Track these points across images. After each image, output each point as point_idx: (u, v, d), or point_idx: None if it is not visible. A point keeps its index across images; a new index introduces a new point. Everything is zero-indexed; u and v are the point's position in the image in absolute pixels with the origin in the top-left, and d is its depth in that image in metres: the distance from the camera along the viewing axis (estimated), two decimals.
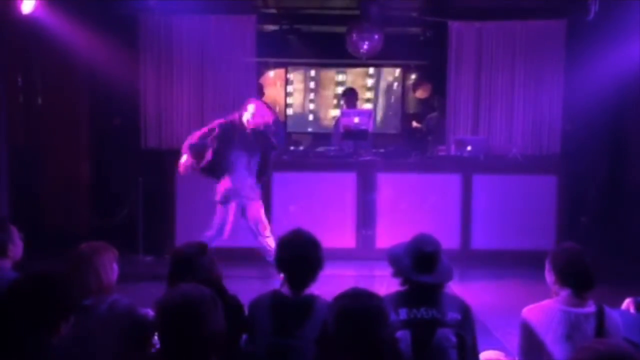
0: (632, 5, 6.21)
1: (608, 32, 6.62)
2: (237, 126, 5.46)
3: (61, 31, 6.50)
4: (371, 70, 9.13)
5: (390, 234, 6.01)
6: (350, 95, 7.58)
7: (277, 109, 8.96)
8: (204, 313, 1.88)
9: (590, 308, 2.59)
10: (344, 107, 7.64)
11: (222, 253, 2.93)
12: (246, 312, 2.73)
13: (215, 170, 5.51)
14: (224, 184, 5.51)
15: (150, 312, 2.43)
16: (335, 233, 6.01)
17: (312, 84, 9.23)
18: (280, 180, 6.52)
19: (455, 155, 6.79)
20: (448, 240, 5.86)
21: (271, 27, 7.98)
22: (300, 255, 2.65)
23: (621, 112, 7.17)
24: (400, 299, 2.58)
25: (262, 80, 8.83)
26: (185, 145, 5.51)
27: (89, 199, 7.16)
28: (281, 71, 9.17)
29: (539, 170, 6.71)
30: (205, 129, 5.52)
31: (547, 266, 2.70)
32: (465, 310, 2.60)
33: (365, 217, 6.50)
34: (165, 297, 1.93)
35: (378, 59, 8.28)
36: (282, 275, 2.70)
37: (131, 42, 6.94)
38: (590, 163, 7.18)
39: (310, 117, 9.27)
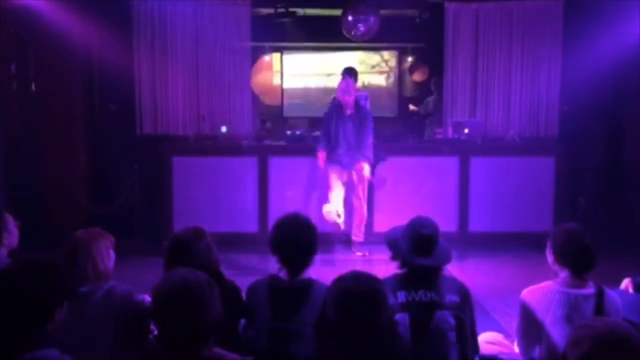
0: None
1: (606, 12, 6.58)
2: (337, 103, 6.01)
3: (55, 18, 6.44)
4: (367, 53, 9.07)
5: (388, 217, 6.01)
6: (349, 75, 7.44)
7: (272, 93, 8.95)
8: (200, 298, 1.86)
9: (589, 289, 2.58)
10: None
11: (220, 238, 2.91)
12: (244, 297, 2.72)
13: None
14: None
15: (147, 298, 2.42)
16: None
17: (308, 68, 9.17)
18: (277, 164, 6.51)
19: (452, 138, 6.77)
20: (446, 223, 5.90)
21: (266, 11, 7.91)
22: (294, 237, 2.65)
23: (619, 92, 7.15)
24: (399, 281, 2.57)
25: (258, 64, 8.77)
26: None
27: (85, 186, 7.14)
28: (277, 55, 9.10)
29: (536, 152, 6.70)
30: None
31: (548, 246, 2.69)
32: (463, 293, 2.60)
33: None
34: (160, 283, 1.92)
35: (374, 42, 8.22)
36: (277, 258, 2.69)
37: (125, 28, 6.88)
38: (588, 144, 7.17)
39: (307, 101, 9.22)
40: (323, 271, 3.10)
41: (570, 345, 1.74)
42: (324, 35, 8.48)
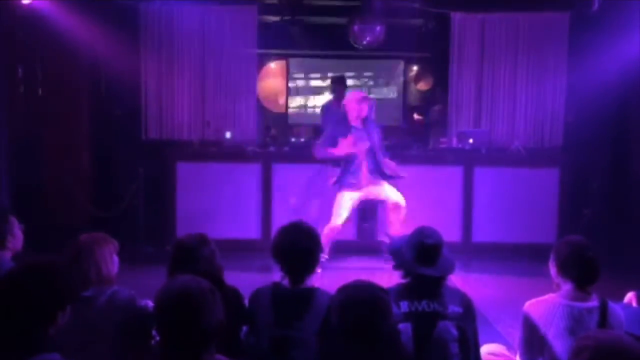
0: None
1: (611, 24, 6.58)
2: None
3: (62, 21, 6.47)
4: (372, 61, 9.09)
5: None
6: (338, 84, 7.37)
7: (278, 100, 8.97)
8: (202, 305, 1.87)
9: (593, 302, 2.57)
10: (333, 96, 7.49)
11: (223, 244, 2.91)
12: (246, 303, 2.72)
13: None
14: None
15: (150, 304, 2.42)
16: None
17: (313, 75, 9.19)
18: (281, 171, 6.51)
19: (457, 147, 6.77)
20: (449, 233, 5.84)
21: (272, 18, 7.94)
22: (296, 245, 2.65)
23: (624, 104, 7.13)
24: (402, 291, 2.57)
25: (264, 71, 8.79)
26: None
27: (89, 189, 7.15)
28: (282, 62, 9.13)
29: (541, 163, 6.69)
30: None
31: (551, 258, 2.68)
32: (466, 303, 2.59)
33: (366, 210, 6.47)
34: (162, 290, 1.92)
35: (380, 51, 8.24)
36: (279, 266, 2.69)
37: (132, 32, 6.91)
38: (593, 156, 7.15)
39: (311, 109, 9.23)
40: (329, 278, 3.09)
41: (571, 354, 1.74)
42: (330, 43, 8.51)
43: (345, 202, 5.69)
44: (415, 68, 9.32)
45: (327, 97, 9.09)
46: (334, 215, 5.68)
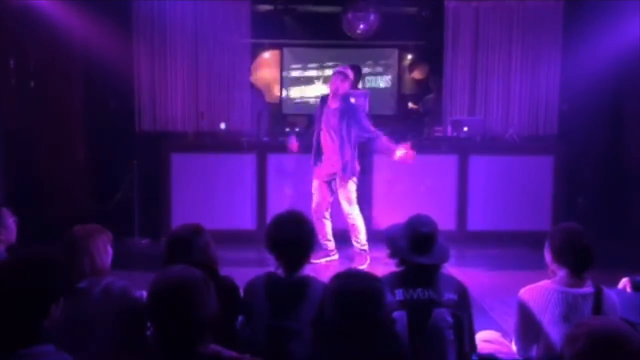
0: None
1: (606, 11, 6.57)
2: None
3: (54, 14, 6.42)
4: (367, 50, 9.05)
5: (387, 215, 6.01)
6: (353, 73, 7.31)
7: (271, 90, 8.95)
8: (196, 295, 1.86)
9: (588, 288, 2.58)
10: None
11: (218, 235, 2.91)
12: (241, 294, 2.72)
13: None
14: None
15: (145, 294, 2.42)
16: (332, 214, 5.99)
17: (307, 65, 9.15)
18: (276, 161, 6.50)
19: (451, 136, 6.76)
20: (444, 221, 5.88)
21: (266, 8, 7.89)
22: (290, 235, 2.64)
23: (619, 91, 7.14)
24: (397, 279, 2.57)
25: (257, 61, 8.75)
26: None
27: (83, 182, 7.13)
28: (276, 52, 9.09)
29: (535, 151, 6.70)
30: None
31: (546, 245, 2.69)
32: (461, 291, 2.60)
33: (361, 198, 6.46)
34: (155, 280, 1.91)
35: (374, 40, 8.21)
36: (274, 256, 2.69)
37: (125, 24, 6.86)
38: (588, 143, 7.17)
39: (306, 98, 9.20)
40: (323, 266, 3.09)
41: (566, 342, 1.74)
42: (324, 32, 8.47)
43: (314, 187, 5.71)
44: (409, 56, 9.28)
45: (320, 86, 9.08)
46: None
